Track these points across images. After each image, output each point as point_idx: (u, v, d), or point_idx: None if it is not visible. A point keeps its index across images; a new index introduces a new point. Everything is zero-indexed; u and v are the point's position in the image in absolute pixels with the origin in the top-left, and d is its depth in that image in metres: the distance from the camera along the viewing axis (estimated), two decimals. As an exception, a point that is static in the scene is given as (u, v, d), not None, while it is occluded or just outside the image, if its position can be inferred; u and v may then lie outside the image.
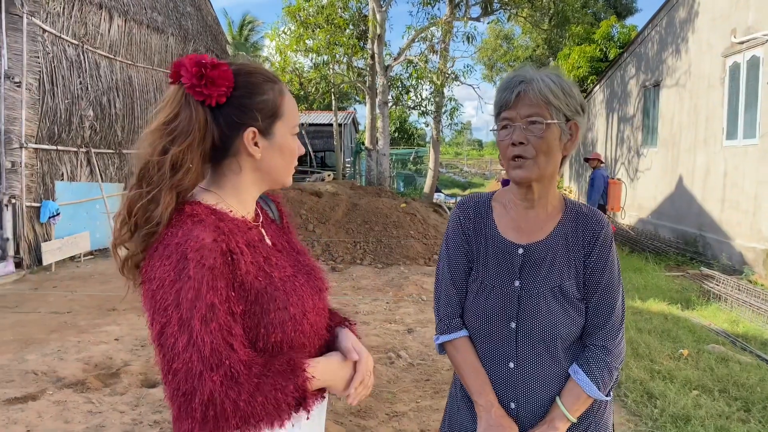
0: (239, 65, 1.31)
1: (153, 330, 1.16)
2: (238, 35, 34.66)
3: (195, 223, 1.19)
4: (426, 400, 4.17)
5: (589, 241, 1.58)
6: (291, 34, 16.86)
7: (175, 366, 1.12)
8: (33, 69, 8.45)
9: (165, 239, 1.18)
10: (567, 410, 1.53)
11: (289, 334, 1.28)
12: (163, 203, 1.19)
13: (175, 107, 1.24)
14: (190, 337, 1.12)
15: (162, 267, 1.15)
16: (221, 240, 1.20)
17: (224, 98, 1.26)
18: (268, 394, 1.17)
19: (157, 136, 1.22)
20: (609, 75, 17.72)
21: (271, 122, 1.31)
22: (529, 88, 1.48)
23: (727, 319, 6.41)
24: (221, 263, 1.18)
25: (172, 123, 1.22)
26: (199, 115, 1.23)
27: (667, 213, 12.58)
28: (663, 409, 3.91)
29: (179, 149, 1.21)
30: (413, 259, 9.54)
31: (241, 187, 1.35)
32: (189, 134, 1.22)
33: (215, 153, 1.31)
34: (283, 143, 1.34)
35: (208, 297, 1.14)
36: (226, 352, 1.14)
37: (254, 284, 1.24)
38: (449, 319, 1.67)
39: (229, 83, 1.26)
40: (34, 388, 4.19)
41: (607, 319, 1.56)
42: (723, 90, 10.23)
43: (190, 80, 1.22)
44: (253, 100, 1.29)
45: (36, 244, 8.53)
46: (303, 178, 22.02)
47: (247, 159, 1.31)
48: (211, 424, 1.13)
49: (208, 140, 1.26)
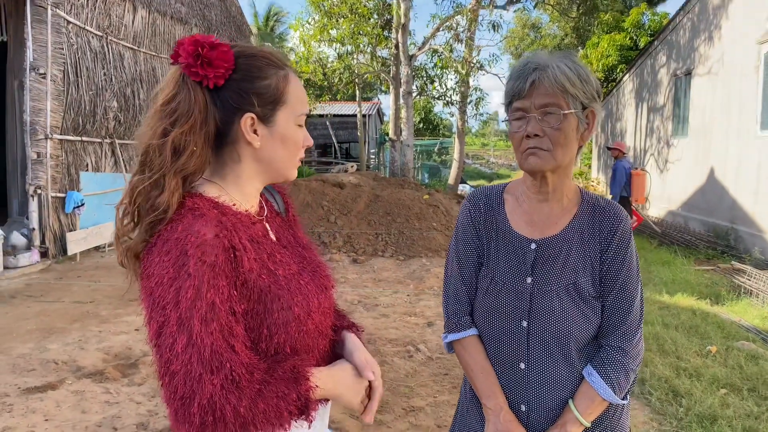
0: (242, 47, 1.24)
1: (150, 329, 1.10)
2: (264, 26, 34.78)
3: (196, 218, 1.13)
4: (444, 395, 4.10)
5: (606, 235, 1.48)
6: (315, 24, 16.81)
7: (173, 368, 1.06)
8: (57, 60, 8.53)
9: (164, 234, 1.12)
10: (580, 414, 1.44)
11: (293, 335, 1.22)
12: (168, 189, 1.13)
13: (173, 88, 1.18)
14: (190, 337, 1.06)
15: (161, 263, 1.09)
16: (223, 236, 1.13)
17: (222, 80, 1.19)
18: (270, 402, 1.11)
19: (157, 119, 1.17)
20: (639, 64, 17.32)
21: (272, 109, 1.23)
22: (544, 76, 1.38)
23: (759, 315, 6.20)
24: (223, 260, 1.12)
25: (171, 104, 1.16)
26: (198, 97, 1.17)
27: (698, 205, 12.27)
28: (688, 408, 3.78)
29: (180, 131, 1.14)
30: (435, 252, 9.45)
31: (242, 178, 1.27)
32: (190, 116, 1.15)
33: (217, 140, 1.24)
34: (285, 133, 1.25)
35: (208, 296, 1.08)
36: (227, 354, 1.08)
37: (258, 282, 1.18)
38: (458, 317, 1.60)
39: (229, 65, 1.19)
40: (54, 377, 4.22)
41: (624, 318, 1.46)
42: (757, 78, 9.90)
43: (186, 59, 1.17)
44: (254, 84, 1.21)
45: (61, 234, 8.64)
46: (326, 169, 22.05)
47: (246, 147, 1.24)
48: (209, 429, 1.06)
49: (211, 123, 1.19)
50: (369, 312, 6.17)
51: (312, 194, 10.90)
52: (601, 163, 21.41)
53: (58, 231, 8.64)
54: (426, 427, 3.62)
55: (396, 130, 16.50)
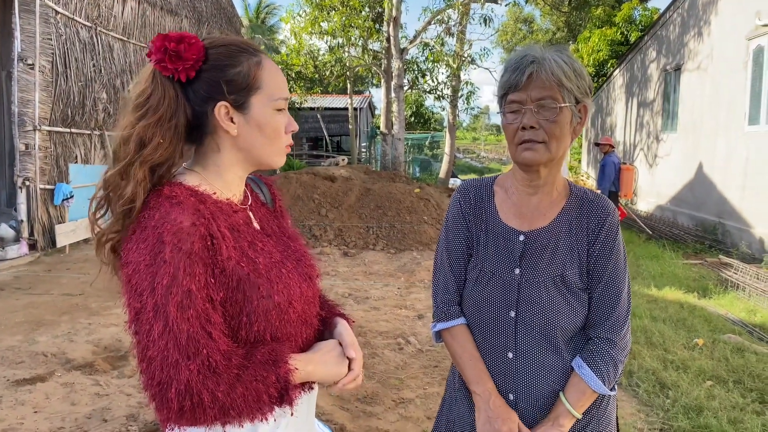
0: (213, 39, 1.26)
1: (128, 316, 1.12)
2: (255, 18, 34.62)
3: (173, 206, 1.14)
4: (434, 387, 4.13)
5: (594, 228, 1.50)
6: (306, 17, 16.72)
7: (150, 354, 1.08)
8: (46, 51, 8.45)
9: (142, 222, 1.13)
10: (572, 406, 1.46)
11: (274, 323, 1.23)
12: (134, 179, 1.15)
13: (145, 83, 1.21)
14: (166, 323, 1.08)
15: (137, 250, 1.11)
16: (200, 223, 1.15)
17: (193, 72, 1.21)
18: (248, 385, 1.12)
19: (129, 113, 1.20)
20: (629, 59, 17.38)
21: (245, 96, 1.24)
22: (541, 69, 1.40)
23: (745, 309, 6.28)
24: (199, 248, 1.13)
25: (142, 98, 1.19)
26: (167, 91, 1.20)
27: (687, 200, 12.36)
28: (675, 399, 3.83)
29: (146, 123, 1.17)
30: (426, 245, 9.48)
31: (223, 167, 1.29)
32: (158, 109, 1.18)
33: (195, 132, 1.26)
34: (261, 118, 1.26)
35: (184, 283, 1.10)
36: (203, 340, 1.10)
37: (236, 270, 1.19)
38: (447, 306, 1.62)
39: (198, 56, 1.20)
40: (43, 369, 4.21)
41: (612, 310, 1.48)
42: (746, 74, 9.97)
43: (155, 55, 1.19)
44: (224, 73, 1.23)
45: (50, 226, 8.58)
46: (317, 163, 22.00)
47: (225, 136, 1.26)
48: (188, 415, 1.08)
49: (180, 116, 1.21)
50: (360, 305, 6.19)
51: (303, 187, 10.88)
52: (591, 158, 21.50)
53: (47, 223, 8.58)
54: (416, 418, 3.64)
55: (387, 123, 16.47)
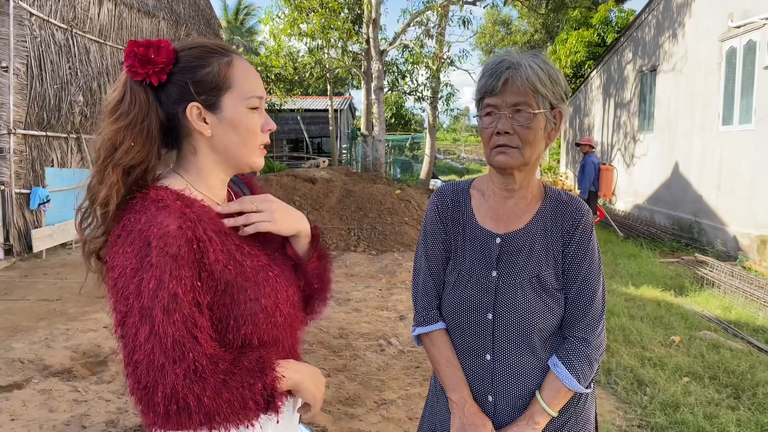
0: (183, 42, 1.28)
1: (114, 319, 1.12)
2: (233, 20, 34.42)
3: (159, 209, 1.14)
4: (415, 387, 4.15)
5: (568, 229, 1.53)
6: (285, 19, 16.67)
7: (136, 357, 1.08)
8: (20, 54, 8.33)
9: (128, 225, 1.13)
10: (547, 405, 1.49)
11: (261, 327, 1.23)
12: (107, 182, 1.17)
13: (119, 89, 1.23)
14: (152, 327, 1.08)
15: (124, 254, 1.11)
16: (187, 227, 1.15)
17: (164, 75, 1.22)
18: (235, 392, 1.12)
19: (105, 120, 1.22)
20: (606, 60, 17.60)
21: (216, 96, 1.25)
22: (517, 75, 1.42)
23: (720, 306, 6.39)
24: (186, 252, 1.13)
25: (115, 104, 1.22)
26: (138, 95, 1.21)
27: (663, 199, 12.55)
28: (653, 396, 3.89)
29: (116, 127, 1.19)
30: (407, 246, 9.50)
31: (204, 170, 1.29)
32: (128, 114, 1.20)
33: (171, 135, 1.28)
34: (233, 117, 1.26)
35: (170, 286, 1.10)
36: (190, 344, 1.10)
37: (224, 274, 1.19)
38: (426, 311, 1.63)
39: (167, 59, 1.21)
40: (20, 376, 4.15)
41: (587, 309, 1.51)
42: (719, 75, 10.15)
43: (126, 60, 1.21)
44: (194, 74, 1.24)
45: (26, 231, 8.46)
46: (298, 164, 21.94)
47: (200, 138, 1.27)
48: (173, 419, 1.08)
49: (152, 119, 1.22)
50: (341, 306, 6.19)
51: (283, 189, 10.85)
52: (569, 158, 21.72)
53: (23, 228, 8.45)
54: (397, 419, 3.66)
55: (368, 125, 16.49)
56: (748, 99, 9.16)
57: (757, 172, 8.85)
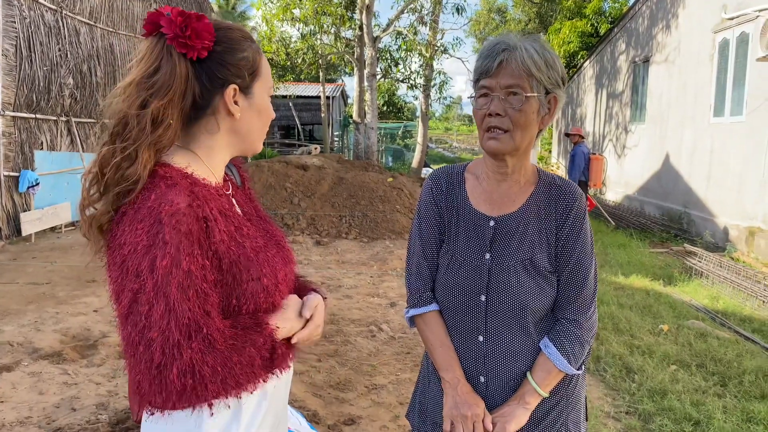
0: (217, 20, 1.26)
1: (123, 298, 1.09)
2: (225, 4, 34.08)
3: (169, 187, 1.13)
4: (406, 373, 4.17)
5: (561, 213, 1.54)
6: (278, 3, 16.52)
7: (150, 335, 1.06)
8: (9, 35, 8.21)
9: (136, 202, 1.12)
10: (538, 385, 1.50)
11: (261, 305, 1.25)
12: (141, 160, 1.13)
13: (156, 60, 1.17)
14: (167, 304, 1.07)
15: (133, 231, 1.09)
16: (196, 206, 1.15)
17: (206, 52, 1.20)
18: (242, 351, 1.15)
19: (135, 90, 1.16)
20: (599, 50, 17.59)
21: (251, 81, 1.28)
22: (512, 58, 1.42)
23: (708, 295, 6.45)
24: (197, 230, 1.14)
25: (154, 76, 1.16)
26: (181, 69, 1.18)
27: (654, 190, 12.61)
28: (641, 383, 3.93)
29: (161, 103, 1.15)
30: (399, 234, 9.51)
31: (214, 150, 1.29)
32: (171, 88, 1.16)
33: (193, 111, 1.25)
34: (261, 103, 1.31)
35: (185, 263, 1.10)
36: (203, 320, 1.11)
37: (228, 254, 1.20)
38: (420, 292, 1.64)
39: (212, 36, 1.20)
40: (9, 359, 4.13)
41: (579, 292, 1.52)
42: (712, 66, 10.18)
43: (173, 31, 1.16)
44: (235, 56, 1.24)
45: (15, 214, 8.39)
46: (289, 151, 21.85)
47: (226, 118, 1.27)
48: (189, 394, 1.08)
49: (189, 96, 1.20)
50: (332, 293, 6.20)
51: (275, 176, 10.81)
52: (561, 148, 21.76)
53: (12, 211, 8.38)
54: (388, 404, 3.68)
55: (360, 112, 16.42)
56: (740, 91, 9.20)
57: (746, 164, 8.91)
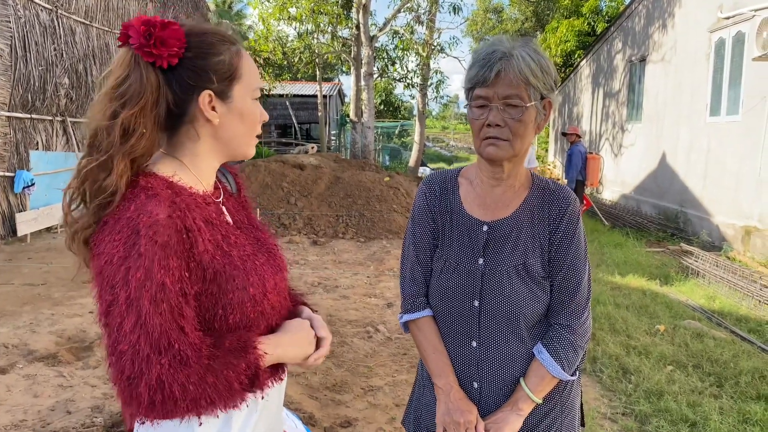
0: (192, 25, 1.24)
1: (99, 308, 1.10)
2: (221, 3, 34.01)
3: (149, 197, 1.12)
4: (402, 374, 4.16)
5: (555, 218, 1.53)
6: (274, 2, 16.50)
7: (120, 348, 1.06)
8: (4, 34, 8.18)
9: (117, 213, 1.11)
10: (531, 391, 1.50)
11: (249, 315, 1.23)
12: (116, 171, 1.12)
13: (125, 69, 1.16)
14: (138, 317, 1.06)
15: (111, 242, 1.08)
16: (176, 216, 1.13)
17: (176, 59, 1.18)
18: (219, 374, 1.11)
19: (107, 101, 1.15)
20: (596, 49, 17.61)
21: (228, 85, 1.24)
22: (509, 67, 1.40)
23: (704, 295, 6.46)
24: (176, 241, 1.12)
25: (122, 86, 1.15)
26: (150, 77, 1.16)
27: (650, 189, 12.62)
28: (637, 384, 3.93)
29: (130, 113, 1.13)
30: (396, 233, 9.51)
31: (200, 157, 1.27)
32: (141, 97, 1.15)
33: (171, 120, 1.24)
34: (243, 107, 1.27)
35: (159, 276, 1.08)
36: (175, 334, 1.09)
37: (212, 263, 1.18)
38: (413, 298, 1.64)
39: (181, 43, 1.18)
40: (4, 361, 4.11)
41: (572, 297, 1.52)
42: (708, 66, 10.19)
43: (138, 40, 1.15)
44: (208, 61, 1.21)
45: (10, 214, 8.36)
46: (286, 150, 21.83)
47: (205, 125, 1.25)
48: (158, 408, 1.07)
49: (162, 104, 1.19)
50: (329, 293, 6.19)
51: (272, 175, 10.79)
52: (558, 147, 21.78)
53: (7, 211, 8.35)
54: (384, 405, 3.67)
55: (357, 111, 16.41)
56: (736, 90, 9.21)
57: (742, 163, 8.92)
